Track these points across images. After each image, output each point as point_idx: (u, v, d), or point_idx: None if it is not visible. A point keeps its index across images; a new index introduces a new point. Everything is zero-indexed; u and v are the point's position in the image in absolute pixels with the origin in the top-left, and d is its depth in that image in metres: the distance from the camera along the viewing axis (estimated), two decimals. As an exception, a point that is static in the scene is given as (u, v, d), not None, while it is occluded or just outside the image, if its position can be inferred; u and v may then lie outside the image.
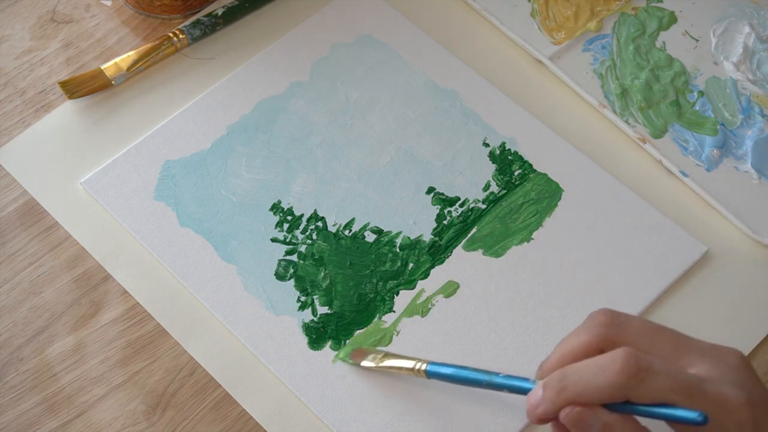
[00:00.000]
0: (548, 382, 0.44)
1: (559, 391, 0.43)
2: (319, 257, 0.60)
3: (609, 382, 0.42)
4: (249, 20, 0.69)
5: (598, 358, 0.43)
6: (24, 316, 0.58)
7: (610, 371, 0.42)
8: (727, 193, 0.63)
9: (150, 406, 0.55)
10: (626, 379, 0.41)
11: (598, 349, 0.44)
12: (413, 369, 0.53)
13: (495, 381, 0.48)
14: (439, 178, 0.63)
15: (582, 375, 0.43)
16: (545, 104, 0.66)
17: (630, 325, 0.44)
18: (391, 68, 0.67)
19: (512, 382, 0.47)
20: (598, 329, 0.44)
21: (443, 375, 0.51)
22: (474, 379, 0.49)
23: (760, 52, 0.69)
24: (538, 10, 0.70)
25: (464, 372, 0.50)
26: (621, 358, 0.42)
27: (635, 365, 0.41)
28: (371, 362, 0.55)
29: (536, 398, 0.44)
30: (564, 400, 0.43)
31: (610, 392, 0.42)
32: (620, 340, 0.44)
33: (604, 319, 0.45)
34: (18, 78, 0.66)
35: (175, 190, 0.62)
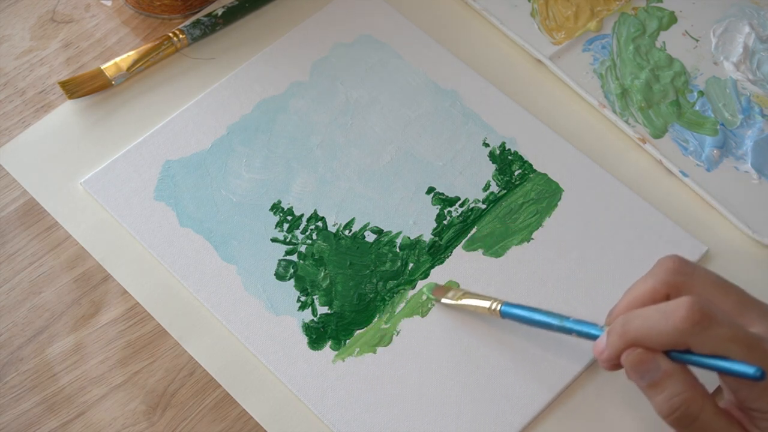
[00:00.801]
0: (612, 327, 0.44)
1: (622, 335, 0.43)
2: (319, 257, 0.60)
3: (672, 328, 0.42)
4: (249, 20, 0.69)
5: (662, 305, 0.43)
6: (24, 316, 0.58)
7: (674, 317, 0.42)
8: (727, 193, 0.63)
9: (150, 406, 0.55)
10: (689, 326, 0.41)
11: (664, 295, 0.45)
12: (489, 308, 0.54)
13: (565, 325, 0.49)
14: (439, 178, 0.63)
15: (645, 320, 0.43)
16: (545, 104, 0.66)
17: (697, 275, 0.45)
18: (391, 68, 0.67)
19: (581, 327, 0.48)
20: (665, 276, 0.45)
21: (517, 316, 0.52)
22: (545, 321, 0.50)
23: (760, 52, 0.69)
24: (538, 10, 0.70)
25: (537, 314, 0.51)
26: (685, 304, 0.42)
27: (699, 312, 0.41)
28: (451, 299, 0.57)
29: (601, 344, 0.45)
30: (626, 343, 0.43)
31: (673, 338, 0.42)
32: (686, 289, 0.44)
33: (672, 266, 0.45)
34: (18, 78, 0.66)
35: (175, 190, 0.62)
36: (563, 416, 0.55)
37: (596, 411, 0.56)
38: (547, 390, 0.55)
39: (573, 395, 0.56)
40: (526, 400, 0.55)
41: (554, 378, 0.56)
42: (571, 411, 0.56)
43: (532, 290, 0.59)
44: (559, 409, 0.56)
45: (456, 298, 0.57)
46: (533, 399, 0.55)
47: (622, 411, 0.56)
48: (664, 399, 0.43)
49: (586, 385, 0.56)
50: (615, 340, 0.44)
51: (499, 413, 0.55)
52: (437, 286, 0.58)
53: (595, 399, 0.56)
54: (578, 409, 0.56)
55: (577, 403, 0.56)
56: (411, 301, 0.58)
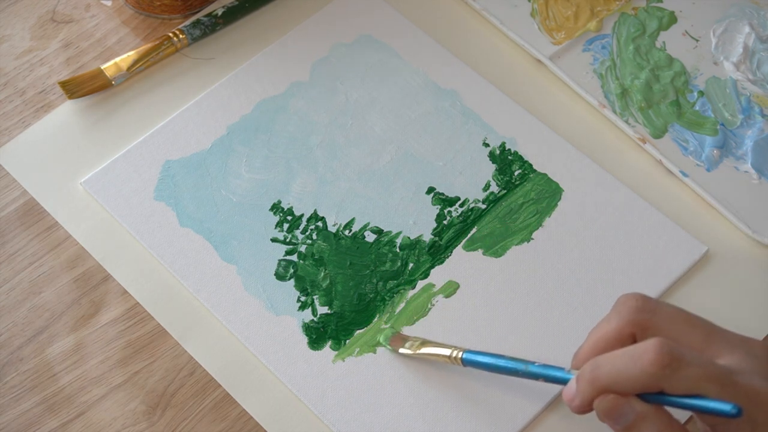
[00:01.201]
0: (581, 374, 0.44)
1: (592, 382, 0.43)
2: (319, 257, 0.60)
3: (641, 372, 0.41)
4: (249, 20, 0.69)
5: (629, 348, 0.43)
6: (24, 316, 0.58)
7: (643, 361, 0.41)
8: (727, 193, 0.63)
9: (150, 406, 0.55)
10: (659, 369, 0.41)
11: (629, 335, 0.44)
12: (449, 357, 0.53)
13: (531, 370, 0.48)
14: (439, 178, 0.63)
15: (614, 365, 0.42)
16: (545, 104, 0.66)
17: (661, 312, 0.44)
18: (391, 68, 0.67)
19: (548, 372, 0.47)
20: (630, 315, 0.44)
21: (479, 363, 0.51)
22: (510, 368, 0.49)
23: (760, 52, 0.69)
24: (538, 10, 0.70)
25: (500, 361, 0.50)
26: (653, 347, 0.41)
27: (668, 355, 0.41)
28: (408, 350, 0.55)
29: (570, 391, 0.44)
30: (597, 390, 0.43)
31: (643, 382, 0.42)
32: (651, 327, 0.44)
33: (635, 305, 0.45)
34: (18, 78, 0.66)
35: (175, 190, 0.62)
36: (563, 416, 0.55)
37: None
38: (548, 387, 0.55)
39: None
40: (526, 399, 0.55)
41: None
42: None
43: (532, 290, 0.59)
44: (559, 409, 0.56)
45: (414, 348, 0.55)
46: (534, 398, 0.55)
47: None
48: None
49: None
50: (585, 387, 0.43)
51: (499, 411, 0.55)
52: (394, 335, 0.56)
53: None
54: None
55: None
56: (411, 302, 0.58)
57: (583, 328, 0.57)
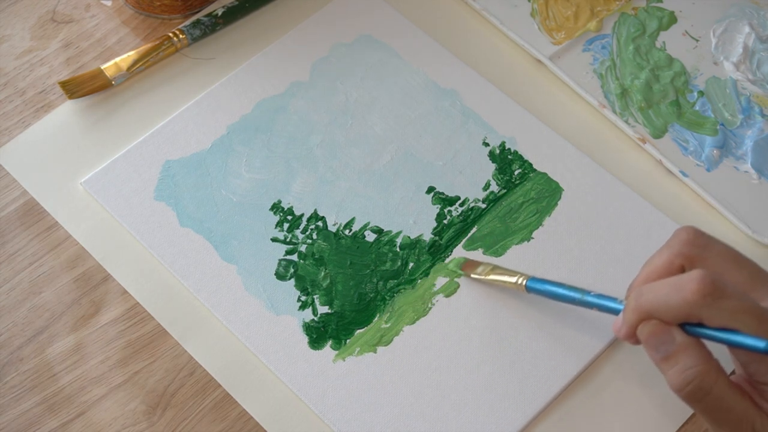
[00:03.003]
0: (627, 302, 0.45)
1: (635, 308, 0.44)
2: (320, 257, 0.60)
3: (683, 300, 0.42)
4: (249, 20, 0.69)
5: (674, 278, 0.43)
6: (24, 316, 0.58)
7: (685, 290, 0.42)
8: (727, 193, 0.63)
9: (150, 406, 0.55)
10: (700, 298, 0.42)
11: (679, 267, 0.45)
12: (515, 283, 0.55)
13: (586, 299, 0.50)
14: (439, 177, 0.63)
15: (657, 293, 0.43)
16: (545, 104, 0.66)
17: (711, 248, 0.45)
18: (391, 68, 0.67)
19: (602, 302, 0.49)
20: (680, 247, 0.45)
21: (540, 290, 0.54)
22: (568, 296, 0.52)
23: (760, 52, 0.69)
24: (538, 10, 0.70)
25: (560, 289, 0.52)
26: (697, 277, 0.42)
27: (710, 285, 0.42)
28: (480, 275, 0.57)
29: (618, 320, 0.45)
30: (639, 316, 0.44)
31: (684, 310, 0.42)
32: (700, 261, 0.45)
33: (686, 238, 0.45)
34: (18, 78, 0.66)
35: (175, 190, 0.61)
36: (563, 416, 0.55)
37: (594, 413, 0.56)
38: (546, 391, 0.56)
39: (572, 395, 0.56)
40: (526, 399, 0.55)
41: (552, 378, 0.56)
42: (570, 411, 0.56)
43: (533, 290, 0.59)
44: (560, 408, 0.56)
45: (485, 273, 0.57)
46: (533, 399, 0.55)
47: (619, 413, 0.56)
48: (678, 371, 0.43)
49: (586, 385, 0.56)
50: (629, 314, 0.44)
51: (500, 413, 0.55)
52: (466, 261, 0.59)
53: (593, 400, 0.56)
54: (577, 409, 0.56)
55: (575, 404, 0.56)
56: (413, 300, 0.58)
57: (583, 326, 0.57)
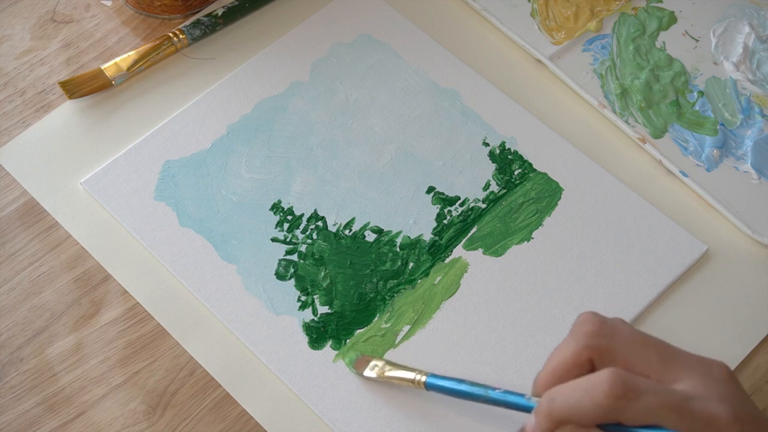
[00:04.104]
0: (538, 407, 0.44)
1: (549, 415, 0.43)
2: (320, 257, 0.60)
3: (596, 405, 0.41)
4: (249, 20, 0.69)
5: (583, 380, 0.42)
6: (24, 316, 0.58)
7: (597, 393, 0.41)
8: (727, 193, 0.63)
9: (150, 406, 0.55)
10: (613, 401, 0.41)
11: (587, 359, 0.44)
12: (413, 381, 0.53)
13: (491, 396, 0.49)
14: (439, 177, 0.63)
15: (569, 398, 0.42)
16: (545, 104, 0.66)
17: (617, 336, 0.44)
18: (391, 68, 0.67)
19: (508, 399, 0.48)
20: (586, 340, 0.44)
21: (441, 388, 0.52)
22: (471, 393, 0.50)
23: (760, 52, 0.69)
24: (538, 10, 0.70)
25: (462, 386, 0.51)
26: (607, 379, 0.41)
27: (622, 386, 0.41)
28: (372, 372, 0.55)
29: (531, 425, 0.44)
30: (555, 423, 0.43)
31: (599, 415, 0.41)
32: (608, 351, 0.44)
33: (591, 329, 0.44)
34: (18, 78, 0.66)
35: (175, 190, 0.61)
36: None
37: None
38: None
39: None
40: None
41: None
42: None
43: (532, 290, 0.59)
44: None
45: (378, 371, 0.55)
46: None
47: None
48: None
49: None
50: (543, 421, 0.43)
51: (501, 414, 0.55)
52: (358, 358, 0.56)
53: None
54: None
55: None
56: (413, 300, 0.58)
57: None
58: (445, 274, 0.59)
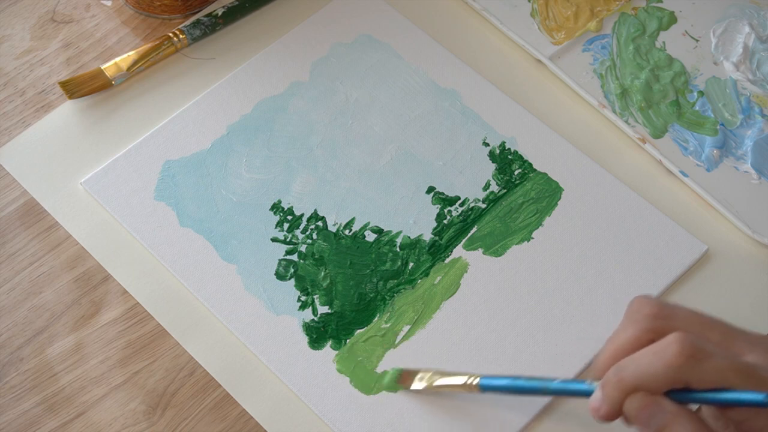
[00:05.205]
0: (605, 379, 0.43)
1: (618, 384, 0.42)
2: (320, 257, 0.60)
3: (667, 366, 0.41)
4: (249, 20, 0.69)
5: (652, 346, 0.42)
6: (24, 316, 0.58)
7: (668, 355, 0.41)
8: (727, 193, 0.63)
9: (150, 406, 0.55)
10: (684, 360, 0.41)
11: (648, 341, 0.43)
12: (465, 385, 0.51)
13: (551, 387, 0.47)
14: (439, 177, 0.63)
15: (638, 364, 0.42)
16: (545, 104, 0.66)
17: (678, 316, 0.44)
18: (391, 68, 0.67)
19: (569, 387, 0.46)
20: (646, 322, 0.44)
21: (497, 387, 0.50)
22: (529, 387, 0.48)
23: (760, 52, 0.69)
24: (538, 10, 0.70)
25: (518, 382, 0.49)
26: (677, 340, 0.41)
27: (691, 346, 0.41)
28: (421, 384, 0.54)
29: (596, 400, 0.43)
30: (624, 391, 0.42)
31: (670, 376, 0.41)
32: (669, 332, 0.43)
33: (650, 311, 0.44)
34: (18, 78, 0.66)
35: (175, 190, 0.61)
36: (563, 416, 0.55)
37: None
38: None
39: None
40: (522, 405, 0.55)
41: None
42: (571, 411, 0.56)
43: (533, 290, 0.59)
44: (560, 408, 0.56)
45: (427, 380, 0.53)
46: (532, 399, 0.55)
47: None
48: None
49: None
50: (611, 391, 0.42)
51: (502, 412, 0.55)
52: (401, 374, 0.54)
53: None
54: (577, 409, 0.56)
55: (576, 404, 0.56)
56: (413, 300, 0.58)
57: (583, 327, 0.57)
58: (445, 274, 0.59)
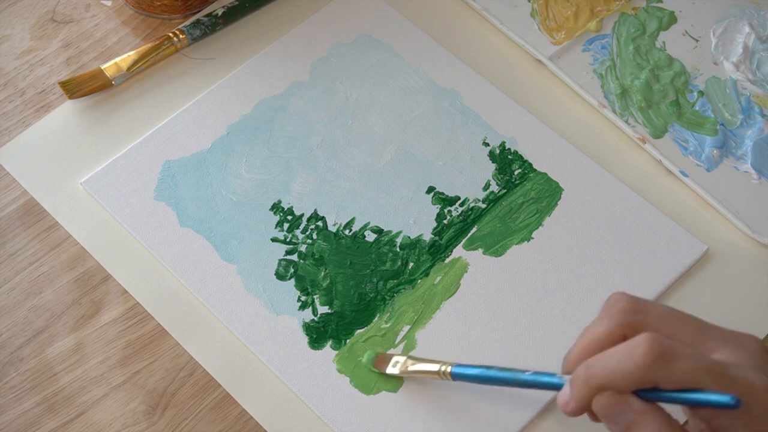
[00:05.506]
0: (574, 376, 0.43)
1: (586, 381, 0.43)
2: (320, 257, 0.60)
3: (635, 366, 0.41)
4: (249, 20, 0.69)
5: (622, 345, 0.42)
6: (24, 316, 0.58)
7: (636, 355, 0.41)
8: (727, 193, 0.63)
9: (150, 406, 0.55)
10: (652, 361, 0.41)
11: (620, 336, 0.44)
12: (438, 372, 0.52)
13: (522, 378, 0.48)
14: (439, 177, 0.63)
15: (607, 362, 0.42)
16: (545, 104, 0.66)
17: (651, 312, 0.44)
18: (391, 68, 0.67)
19: (539, 379, 0.47)
20: (620, 317, 0.44)
21: (469, 376, 0.51)
22: (501, 378, 0.49)
23: (760, 52, 0.69)
24: (538, 10, 0.70)
25: (491, 372, 0.49)
26: (645, 341, 0.41)
27: (660, 347, 0.41)
28: (395, 369, 0.54)
29: (565, 395, 0.44)
30: (592, 389, 0.42)
31: (638, 376, 0.41)
32: (642, 327, 0.43)
33: (625, 306, 0.44)
34: (18, 78, 0.66)
35: (175, 190, 0.62)
36: (557, 420, 0.55)
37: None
38: None
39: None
40: (528, 395, 0.55)
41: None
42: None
43: (533, 289, 0.59)
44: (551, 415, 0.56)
45: (401, 366, 0.54)
46: (526, 405, 0.55)
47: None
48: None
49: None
50: (580, 388, 0.43)
51: (502, 412, 0.55)
52: (377, 357, 0.55)
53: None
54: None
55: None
56: (413, 300, 0.58)
57: (583, 327, 0.57)
58: (445, 274, 0.59)
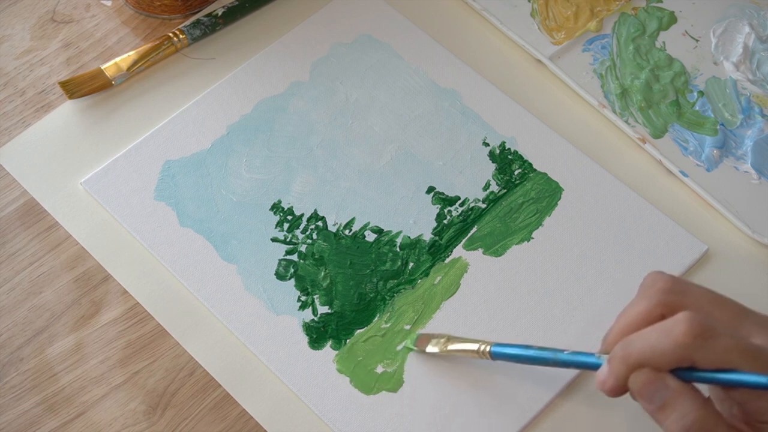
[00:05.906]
0: (612, 354, 0.43)
1: (624, 359, 0.43)
2: (320, 257, 0.60)
3: (674, 344, 0.41)
4: (249, 20, 0.69)
5: (660, 323, 0.42)
6: (24, 316, 0.58)
7: (675, 333, 0.41)
8: (727, 193, 0.63)
9: (150, 406, 0.55)
10: (691, 339, 0.41)
11: (659, 316, 0.44)
12: (477, 351, 0.52)
13: (560, 358, 0.48)
14: (439, 177, 0.63)
15: (646, 340, 0.42)
16: (545, 104, 0.66)
17: (690, 292, 0.44)
18: (391, 68, 0.67)
19: (578, 359, 0.47)
20: (658, 296, 0.44)
21: (508, 355, 0.51)
22: (539, 357, 0.49)
23: (760, 52, 0.69)
24: (538, 10, 0.70)
25: (529, 351, 0.49)
26: (685, 319, 0.41)
27: (699, 325, 0.41)
28: (435, 347, 0.55)
29: (603, 373, 0.44)
30: (630, 367, 0.42)
31: (676, 355, 0.41)
32: (680, 306, 0.43)
33: (663, 286, 0.44)
34: (18, 78, 0.66)
35: (176, 190, 0.62)
36: (561, 418, 0.55)
37: (595, 414, 0.56)
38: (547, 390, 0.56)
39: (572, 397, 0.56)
40: (528, 397, 0.55)
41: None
42: (569, 413, 0.56)
43: (533, 290, 0.59)
44: (558, 410, 0.56)
45: (441, 345, 0.55)
46: (534, 398, 0.55)
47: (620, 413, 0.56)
48: (676, 419, 0.42)
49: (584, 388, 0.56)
50: (617, 365, 0.43)
51: (501, 412, 0.55)
52: (419, 336, 0.56)
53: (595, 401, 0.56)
54: (577, 411, 0.56)
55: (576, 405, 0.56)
56: (413, 300, 0.58)
57: (583, 327, 0.57)
58: (445, 274, 0.59)
